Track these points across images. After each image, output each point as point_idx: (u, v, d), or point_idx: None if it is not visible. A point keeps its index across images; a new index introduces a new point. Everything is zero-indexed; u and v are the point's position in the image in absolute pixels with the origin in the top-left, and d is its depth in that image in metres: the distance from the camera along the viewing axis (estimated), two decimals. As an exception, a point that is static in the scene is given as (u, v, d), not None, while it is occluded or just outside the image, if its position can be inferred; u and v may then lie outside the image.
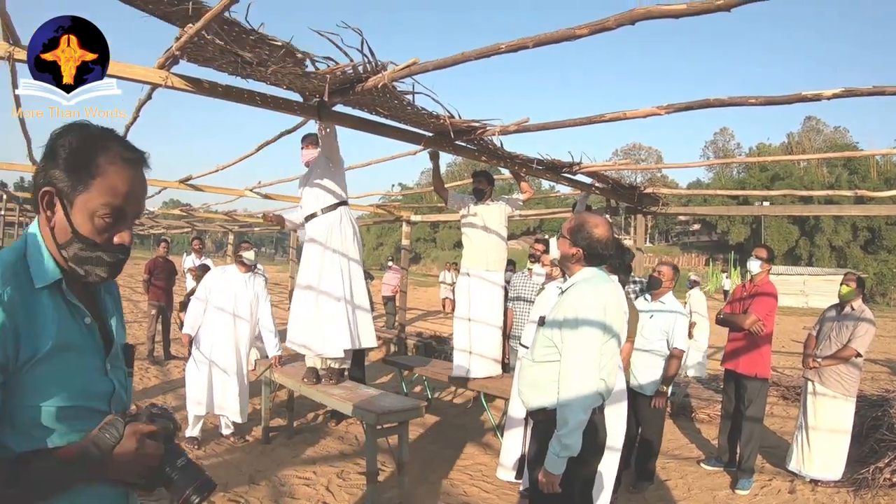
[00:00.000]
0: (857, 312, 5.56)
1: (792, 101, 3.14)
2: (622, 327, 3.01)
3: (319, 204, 5.19)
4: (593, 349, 2.76)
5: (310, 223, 5.23)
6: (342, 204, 5.25)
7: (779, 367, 8.95)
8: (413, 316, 17.69)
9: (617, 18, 2.47)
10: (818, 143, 59.30)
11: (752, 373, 5.56)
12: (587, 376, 2.74)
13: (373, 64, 3.24)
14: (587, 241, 2.91)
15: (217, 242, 56.26)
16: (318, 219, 5.18)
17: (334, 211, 5.18)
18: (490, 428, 6.72)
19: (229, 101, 3.72)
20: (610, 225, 3.03)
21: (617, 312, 2.93)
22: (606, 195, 7.01)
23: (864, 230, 46.67)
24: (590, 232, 2.91)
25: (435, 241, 60.41)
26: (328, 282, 5.10)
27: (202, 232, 21.38)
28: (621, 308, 3.05)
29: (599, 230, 2.91)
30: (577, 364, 2.76)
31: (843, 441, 5.55)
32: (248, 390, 6.25)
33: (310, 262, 5.13)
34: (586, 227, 2.93)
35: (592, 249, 2.91)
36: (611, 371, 2.89)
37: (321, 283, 5.10)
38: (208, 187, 9.15)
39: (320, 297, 5.09)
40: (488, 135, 4.31)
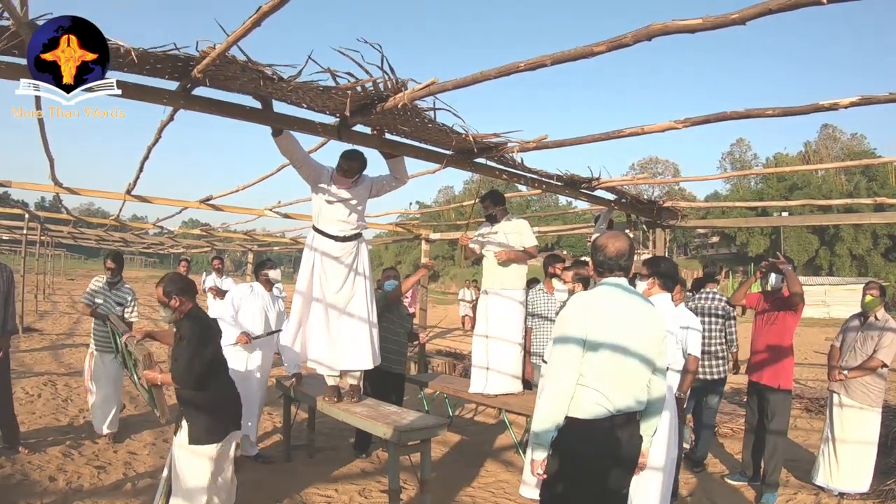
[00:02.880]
0: (882, 322, 5.51)
1: (808, 112, 3.14)
2: (625, 339, 2.95)
3: (357, 225, 5.16)
4: (563, 355, 2.93)
5: (337, 242, 5.05)
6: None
7: (801, 379, 8.87)
8: (433, 334, 17.67)
9: (634, 35, 2.48)
10: (835, 150, 58.84)
11: (776, 384, 5.52)
12: (557, 380, 2.92)
13: (393, 81, 3.27)
14: (594, 258, 3.17)
15: (236, 262, 56.54)
16: (348, 240, 5.10)
17: (361, 233, 5.21)
18: (512, 445, 6.68)
19: (249, 121, 3.76)
20: (618, 237, 3.18)
21: (607, 323, 2.94)
22: (625, 210, 7.00)
23: (885, 238, 46.10)
24: (595, 249, 3.16)
25: (454, 258, 60.28)
26: (356, 302, 5.11)
27: (222, 251, 21.56)
28: (626, 321, 2.99)
29: (606, 246, 3.11)
30: (551, 366, 3.03)
31: (870, 452, 5.49)
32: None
33: (335, 279, 5.05)
34: (595, 246, 3.19)
35: (600, 265, 3.11)
36: (611, 386, 2.91)
37: (349, 303, 5.09)
38: (228, 207, 9.23)
39: (344, 316, 5.08)
40: (508, 152, 4.32)
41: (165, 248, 24.05)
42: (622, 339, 2.94)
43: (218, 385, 4.07)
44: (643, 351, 2.99)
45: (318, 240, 5.04)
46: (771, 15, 2.18)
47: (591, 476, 2.96)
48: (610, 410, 2.91)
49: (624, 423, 2.98)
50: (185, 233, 18.59)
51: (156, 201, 8.55)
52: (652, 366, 3.05)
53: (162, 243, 22.02)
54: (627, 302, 3.03)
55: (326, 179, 4.96)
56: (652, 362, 3.04)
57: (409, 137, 4.27)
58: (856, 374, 5.47)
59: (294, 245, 15.65)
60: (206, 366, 3.93)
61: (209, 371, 3.97)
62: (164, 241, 21.47)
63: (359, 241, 5.16)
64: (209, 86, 3.30)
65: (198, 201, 8.73)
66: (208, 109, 3.57)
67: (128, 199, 8.15)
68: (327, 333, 5.07)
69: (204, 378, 3.93)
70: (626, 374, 2.95)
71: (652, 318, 3.09)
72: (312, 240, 5.07)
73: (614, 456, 2.97)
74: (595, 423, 2.91)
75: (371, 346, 5.16)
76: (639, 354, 2.97)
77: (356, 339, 5.11)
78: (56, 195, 8.76)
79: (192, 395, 3.94)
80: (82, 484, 5.20)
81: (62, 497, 4.94)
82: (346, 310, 5.08)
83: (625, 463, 3.03)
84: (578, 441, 2.95)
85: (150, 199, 8.40)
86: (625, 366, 2.94)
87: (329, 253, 5.02)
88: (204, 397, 3.96)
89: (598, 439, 2.93)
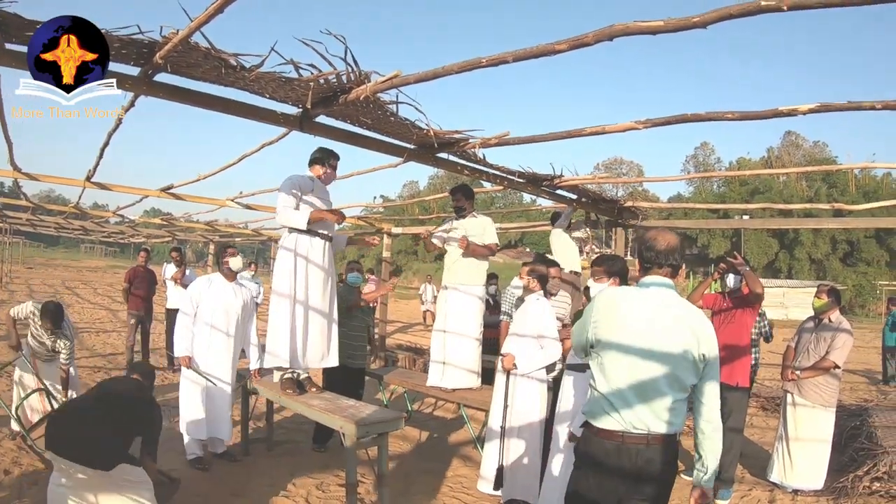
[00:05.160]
0: (835, 324, 5.65)
1: (768, 116, 3.20)
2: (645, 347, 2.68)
3: (332, 226, 5.17)
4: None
5: (319, 241, 5.05)
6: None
7: (758, 379, 9.02)
8: (393, 329, 17.66)
9: (596, 34, 2.51)
10: (798, 157, 59.83)
11: (733, 382, 5.59)
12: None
13: (356, 73, 3.26)
14: (640, 253, 2.96)
15: (198, 252, 55.86)
16: (325, 240, 5.11)
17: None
18: (471, 441, 6.70)
19: (212, 110, 3.72)
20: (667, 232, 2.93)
21: (621, 326, 2.73)
22: (587, 209, 7.06)
23: (843, 243, 47.14)
24: (642, 243, 2.98)
25: (416, 253, 60.14)
26: (328, 302, 5.12)
27: (183, 242, 21.28)
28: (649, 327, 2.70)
29: (656, 240, 2.88)
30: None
31: (824, 451, 5.62)
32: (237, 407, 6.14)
33: (315, 281, 5.02)
34: (642, 240, 3.02)
35: (647, 261, 2.88)
36: (624, 397, 2.69)
37: (325, 304, 5.09)
38: (190, 196, 9.10)
39: (317, 315, 5.07)
40: (470, 147, 4.34)
41: (126, 238, 23.60)
42: (640, 346, 2.68)
43: None
44: (668, 365, 2.67)
45: (302, 241, 4.97)
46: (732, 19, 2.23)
47: (590, 481, 2.78)
48: (623, 424, 2.67)
49: (643, 444, 2.68)
50: (146, 222, 18.33)
51: (116, 189, 8.38)
52: (681, 385, 2.69)
53: (122, 232, 21.60)
54: (658, 307, 2.73)
55: (309, 189, 4.99)
56: (680, 381, 2.68)
57: (372, 129, 4.24)
58: (808, 374, 5.59)
59: (256, 236, 15.52)
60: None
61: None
62: (125, 230, 21.07)
63: (331, 241, 5.19)
64: (171, 72, 3.25)
65: (159, 190, 8.59)
66: (172, 97, 3.52)
67: (87, 186, 7.98)
68: (304, 333, 5.02)
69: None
70: (645, 388, 2.67)
71: (689, 331, 2.70)
72: (296, 244, 4.95)
73: (619, 472, 2.70)
74: (604, 432, 2.72)
75: (336, 343, 5.22)
76: (661, 368, 2.66)
77: (329, 338, 5.16)
78: (15, 181, 8.52)
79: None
80: (37, 477, 5.10)
81: (17, 490, 4.86)
82: (319, 309, 5.06)
83: (632, 486, 2.72)
84: (590, 444, 2.78)
85: (109, 187, 8.23)
86: (642, 378, 2.66)
87: (313, 256, 5.00)
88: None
89: (605, 449, 2.72)
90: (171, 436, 5.85)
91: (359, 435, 4.31)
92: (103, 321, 16.21)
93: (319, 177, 5.15)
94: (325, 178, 5.19)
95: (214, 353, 5.73)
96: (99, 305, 20.75)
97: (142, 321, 9.95)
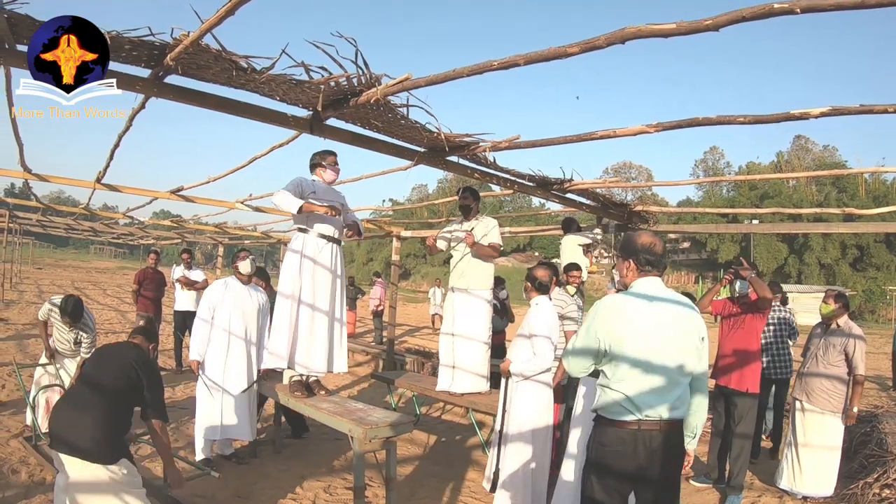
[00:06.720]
0: (845, 329, 5.59)
1: (779, 120, 3.18)
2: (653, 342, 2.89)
3: (340, 230, 5.17)
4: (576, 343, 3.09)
5: (327, 244, 5.06)
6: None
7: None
8: (402, 332, 17.66)
9: (608, 37, 2.49)
10: (807, 161, 59.62)
11: (743, 388, 5.56)
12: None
13: (367, 76, 3.26)
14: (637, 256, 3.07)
15: (207, 255, 56.05)
16: (333, 243, 5.12)
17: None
18: (479, 445, 6.68)
19: (222, 112, 3.72)
20: (652, 235, 3.16)
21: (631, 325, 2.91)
22: (596, 213, 7.04)
23: (853, 248, 46.88)
24: (639, 247, 3.08)
25: (425, 257, 60.14)
26: (337, 305, 5.14)
27: (192, 244, 21.33)
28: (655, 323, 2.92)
29: (654, 244, 3.08)
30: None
31: (833, 457, 5.57)
32: (255, 408, 6.13)
33: (323, 284, 5.02)
34: (637, 244, 3.10)
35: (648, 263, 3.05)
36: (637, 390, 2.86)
37: (333, 307, 5.10)
38: (199, 199, 9.13)
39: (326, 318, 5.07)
40: (480, 151, 4.32)
41: (135, 239, 23.67)
42: (650, 342, 2.88)
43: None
44: (675, 356, 2.89)
45: (309, 244, 4.98)
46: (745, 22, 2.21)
47: (596, 477, 2.99)
48: (636, 415, 2.86)
49: (656, 430, 2.86)
50: (155, 223, 18.37)
51: (126, 190, 8.42)
52: (687, 372, 2.93)
53: (132, 234, 21.65)
54: (659, 304, 2.95)
55: (310, 190, 4.97)
56: (687, 368, 2.92)
57: (382, 133, 4.24)
58: (856, 401, 5.51)
59: (265, 239, 15.53)
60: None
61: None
62: (135, 231, 21.12)
63: (340, 244, 5.19)
64: (181, 74, 3.26)
65: (168, 192, 8.62)
66: (182, 99, 3.53)
67: (98, 188, 8.01)
68: (308, 335, 5.01)
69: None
70: (659, 381, 2.86)
71: (687, 321, 2.97)
72: (303, 245, 4.97)
73: (634, 458, 2.87)
74: (618, 423, 2.91)
75: (346, 348, 5.24)
76: (673, 360, 2.88)
77: (338, 341, 5.17)
78: (25, 182, 8.57)
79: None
80: (45, 477, 5.11)
81: (24, 490, 4.86)
82: (326, 312, 5.06)
83: (647, 468, 2.88)
84: (605, 434, 2.96)
85: (119, 188, 8.27)
86: (656, 373, 2.86)
87: (320, 258, 4.99)
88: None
89: (620, 437, 2.89)
90: (178, 437, 5.86)
91: (367, 438, 4.30)
92: (112, 322, 16.24)
93: (322, 178, 5.17)
94: (328, 177, 5.20)
95: (232, 354, 5.78)
96: (108, 307, 20.80)
97: (150, 322, 9.91)
